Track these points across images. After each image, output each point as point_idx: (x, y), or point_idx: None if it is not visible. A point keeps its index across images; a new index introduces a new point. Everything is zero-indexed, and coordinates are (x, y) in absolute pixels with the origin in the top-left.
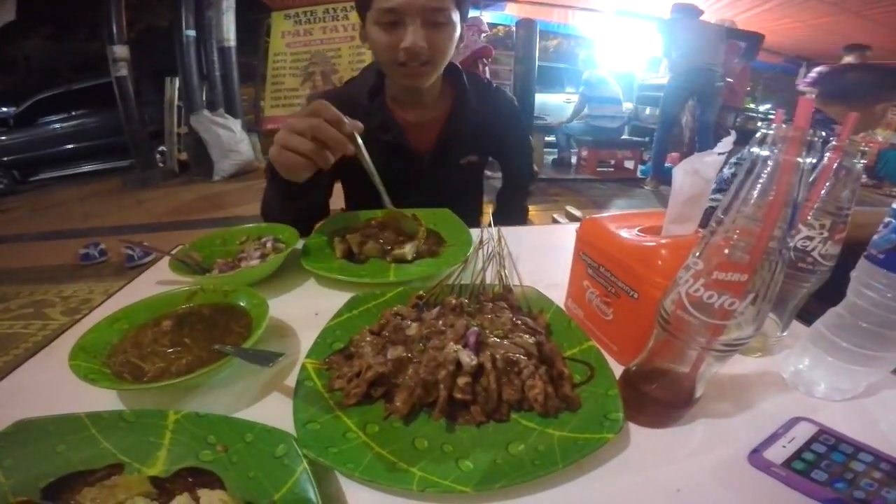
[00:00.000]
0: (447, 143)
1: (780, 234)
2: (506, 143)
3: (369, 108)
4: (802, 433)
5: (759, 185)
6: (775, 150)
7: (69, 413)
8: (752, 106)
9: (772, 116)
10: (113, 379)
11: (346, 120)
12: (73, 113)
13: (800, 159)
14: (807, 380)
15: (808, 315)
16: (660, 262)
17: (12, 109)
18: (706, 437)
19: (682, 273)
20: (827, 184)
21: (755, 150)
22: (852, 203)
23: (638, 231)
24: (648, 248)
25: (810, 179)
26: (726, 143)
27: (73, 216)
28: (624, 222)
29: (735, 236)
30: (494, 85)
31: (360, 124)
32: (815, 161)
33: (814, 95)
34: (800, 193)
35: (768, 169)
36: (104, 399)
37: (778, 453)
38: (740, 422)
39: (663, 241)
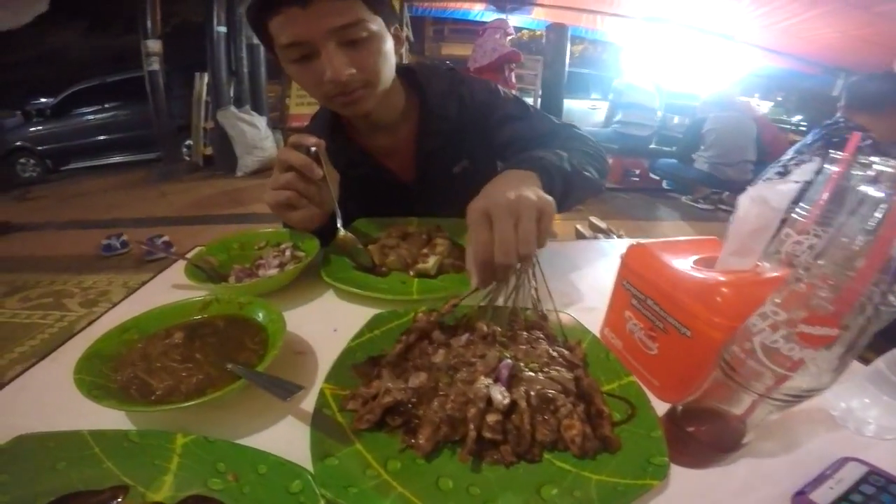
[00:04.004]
0: (428, 160)
1: (883, 287)
2: (491, 121)
3: (334, 147)
4: (851, 474)
5: (864, 231)
6: (889, 191)
7: (71, 430)
8: (784, 118)
9: (803, 128)
10: (119, 396)
11: (311, 141)
12: (106, 105)
13: None
14: (858, 418)
15: None
16: (719, 300)
17: (50, 101)
18: (749, 478)
19: (756, 321)
20: None
21: (865, 189)
22: None
23: (692, 263)
24: (707, 283)
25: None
26: (806, 171)
27: (98, 206)
28: (674, 251)
29: (828, 285)
30: (461, 74)
31: (321, 142)
32: None
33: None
34: None
35: (879, 213)
36: (110, 412)
37: (825, 495)
38: (785, 462)
39: (723, 277)
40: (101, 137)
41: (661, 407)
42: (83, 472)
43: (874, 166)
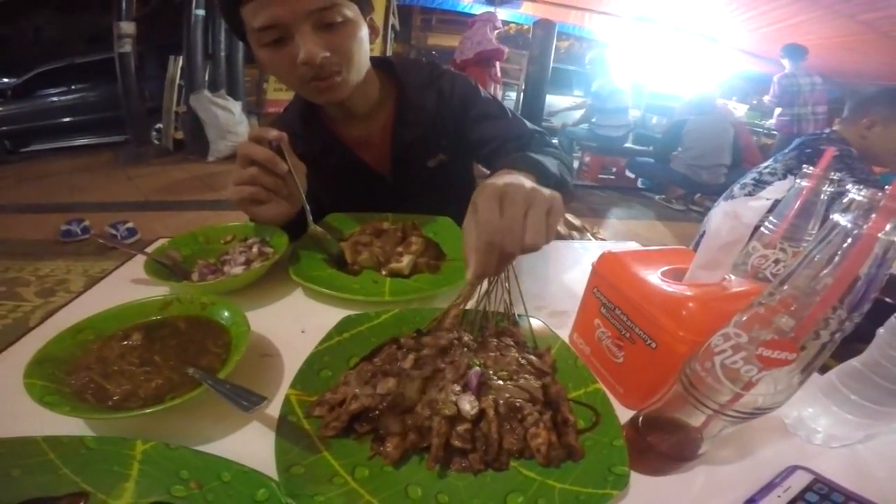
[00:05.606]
0: (405, 152)
1: (843, 315)
2: (469, 117)
3: (307, 135)
4: (798, 482)
5: (829, 259)
6: (858, 221)
7: (24, 436)
8: (757, 122)
9: (776, 133)
10: (73, 402)
11: (273, 134)
12: (73, 87)
13: (882, 236)
14: (808, 427)
15: None
16: (684, 313)
17: (13, 81)
18: (705, 485)
19: (718, 340)
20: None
21: (837, 217)
22: None
23: (661, 274)
24: (674, 297)
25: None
26: (779, 189)
27: (60, 189)
28: (645, 261)
29: (790, 310)
30: (442, 67)
31: (283, 135)
32: None
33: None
34: (879, 272)
35: (847, 243)
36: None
37: (773, 503)
38: (740, 469)
39: (690, 291)
40: (66, 119)
41: (623, 412)
42: (39, 479)
43: (849, 195)
